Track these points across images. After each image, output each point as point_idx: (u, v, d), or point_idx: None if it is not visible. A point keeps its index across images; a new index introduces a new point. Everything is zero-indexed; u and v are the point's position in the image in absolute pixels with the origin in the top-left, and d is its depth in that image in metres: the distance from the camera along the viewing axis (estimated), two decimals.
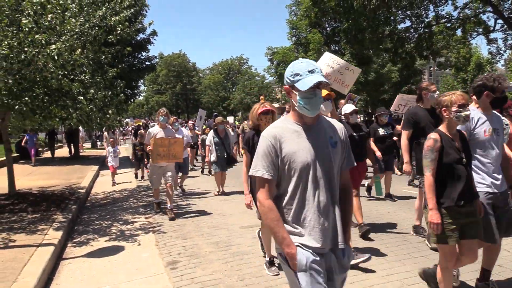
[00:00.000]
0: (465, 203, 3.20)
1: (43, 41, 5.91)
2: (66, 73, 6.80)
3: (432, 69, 52.25)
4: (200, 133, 14.05)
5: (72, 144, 19.40)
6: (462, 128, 3.47)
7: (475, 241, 3.30)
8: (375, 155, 7.56)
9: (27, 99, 6.46)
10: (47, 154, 20.16)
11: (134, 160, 12.41)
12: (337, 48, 29.34)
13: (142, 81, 23.90)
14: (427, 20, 18.74)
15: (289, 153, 2.22)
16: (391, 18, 18.55)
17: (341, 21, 21.07)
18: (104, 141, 13.79)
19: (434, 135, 3.31)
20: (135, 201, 9.10)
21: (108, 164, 11.93)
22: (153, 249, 5.53)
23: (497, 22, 17.30)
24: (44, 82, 6.61)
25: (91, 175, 12.68)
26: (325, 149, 2.26)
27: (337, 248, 2.27)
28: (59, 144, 26.01)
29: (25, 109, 6.53)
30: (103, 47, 8.46)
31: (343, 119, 5.80)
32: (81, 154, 20.22)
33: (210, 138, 9.52)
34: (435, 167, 3.26)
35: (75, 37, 6.92)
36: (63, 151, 21.92)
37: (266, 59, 31.39)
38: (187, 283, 4.28)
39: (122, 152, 13.99)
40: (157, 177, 7.65)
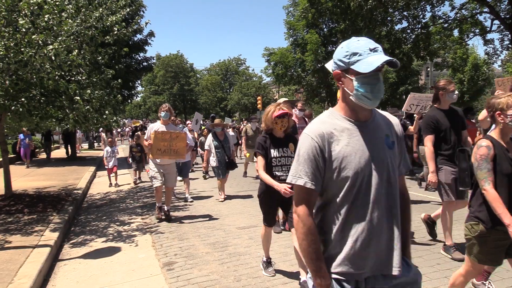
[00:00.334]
0: None
1: (40, 41, 5.90)
2: (62, 73, 6.79)
3: (429, 69, 52.37)
4: (196, 136, 13.89)
5: (69, 145, 19.37)
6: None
7: None
8: None
9: (23, 99, 6.45)
10: (44, 155, 20.11)
11: (131, 162, 11.93)
12: (334, 48, 29.39)
13: (139, 81, 23.89)
14: (424, 20, 18.79)
15: (339, 157, 1.80)
16: (388, 18, 18.60)
17: (338, 22, 21.11)
18: (101, 142, 13.63)
19: (485, 142, 2.92)
20: (132, 202, 9.09)
21: (105, 165, 11.55)
22: (150, 250, 5.52)
23: (493, 22, 17.37)
24: (40, 83, 6.60)
25: (88, 176, 12.65)
26: (381, 151, 1.85)
27: (390, 272, 1.83)
28: (56, 145, 25.97)
29: (21, 109, 6.51)
30: (100, 47, 8.45)
31: None
32: (78, 155, 20.19)
33: (209, 141, 8.83)
34: (493, 177, 2.85)
35: (72, 37, 6.91)
36: (60, 152, 21.87)
37: (263, 60, 31.34)
38: (184, 284, 4.27)
39: (119, 153, 13.94)
40: (158, 173, 6.88)
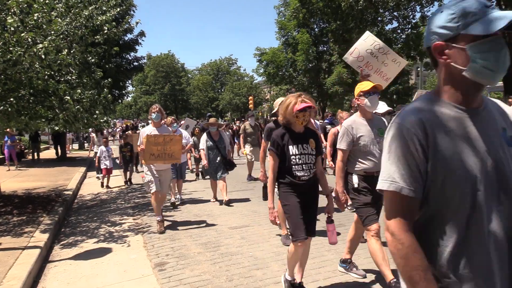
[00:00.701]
0: None
1: (29, 39, 5.84)
2: (52, 73, 6.72)
3: (419, 69, 52.76)
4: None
5: (59, 145, 19.21)
6: None
7: None
8: None
9: (12, 99, 6.37)
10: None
11: (122, 163, 11.58)
12: (325, 48, 29.51)
13: (130, 81, 23.78)
14: (414, 21, 18.93)
15: (446, 155, 1.34)
16: (379, 19, 18.71)
17: (329, 22, 21.17)
18: (91, 142, 13.42)
19: None
20: (123, 202, 9.03)
21: (100, 165, 11.23)
22: (141, 251, 5.49)
23: None
24: (29, 82, 6.53)
25: (78, 176, 12.55)
26: (499, 148, 1.39)
27: None
28: (46, 145, 25.72)
29: (10, 109, 6.44)
30: (90, 47, 8.38)
31: None
32: (68, 155, 20.03)
33: (203, 141, 8.41)
34: None
35: (61, 37, 6.85)
36: (49, 153, 21.67)
37: (255, 60, 31.39)
38: (175, 285, 4.25)
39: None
40: (155, 178, 6.40)
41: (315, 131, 4.04)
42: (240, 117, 38.39)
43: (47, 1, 6.55)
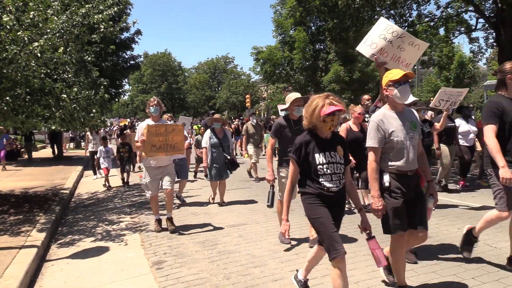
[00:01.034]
0: None
1: (25, 38, 5.81)
2: (48, 72, 6.69)
3: (415, 67, 52.91)
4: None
5: (55, 144, 19.14)
6: None
7: None
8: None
9: (8, 98, 6.34)
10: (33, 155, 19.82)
11: (119, 163, 11.28)
12: (322, 46, 29.52)
13: (126, 80, 23.71)
14: (410, 19, 18.94)
15: None
16: (375, 17, 18.69)
17: (326, 20, 21.16)
18: (86, 141, 13.33)
19: None
20: (120, 201, 9.02)
21: (100, 166, 11.08)
22: (139, 249, 5.48)
23: (478, 21, 17.55)
24: (26, 81, 6.50)
25: (75, 175, 12.52)
26: None
27: None
28: (42, 144, 25.64)
29: (6, 108, 6.41)
30: (86, 45, 8.35)
31: None
32: (64, 154, 19.97)
33: (206, 139, 7.93)
34: None
35: (57, 35, 6.82)
36: (46, 152, 21.60)
37: (251, 58, 31.34)
38: (173, 283, 4.25)
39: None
40: (153, 181, 6.16)
41: (342, 137, 3.71)
42: (237, 115, 38.36)
43: None
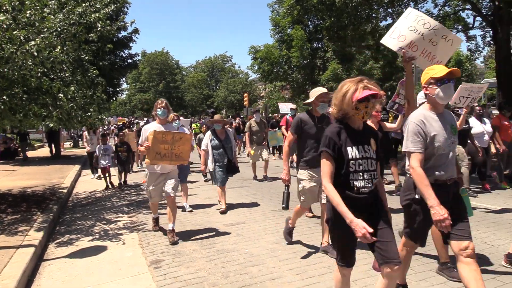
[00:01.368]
0: None
1: (21, 37, 5.79)
2: (45, 71, 6.68)
3: (413, 66, 52.99)
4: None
5: (53, 143, 19.10)
6: None
7: None
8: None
9: (5, 97, 6.32)
10: (27, 154, 19.76)
11: (117, 163, 10.89)
12: (319, 45, 29.53)
13: (124, 79, 23.66)
14: None
15: None
16: (373, 15, 18.70)
17: (324, 19, 21.15)
18: (84, 140, 13.18)
19: None
20: (118, 200, 9.00)
21: (95, 164, 10.83)
22: (137, 248, 5.48)
23: (476, 19, 17.59)
24: (23, 80, 6.48)
25: (73, 175, 12.49)
26: None
27: None
28: (40, 143, 25.59)
29: (3, 107, 6.39)
30: (83, 44, 8.33)
31: None
32: (62, 153, 19.93)
33: (206, 141, 7.48)
34: None
35: (54, 34, 6.80)
36: (44, 151, 21.56)
37: (249, 57, 31.24)
38: (171, 282, 4.25)
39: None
40: (156, 188, 5.82)
41: (374, 129, 3.19)
42: (235, 114, 38.32)
43: None
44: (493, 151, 9.37)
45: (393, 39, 4.06)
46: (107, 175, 10.68)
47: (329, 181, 2.75)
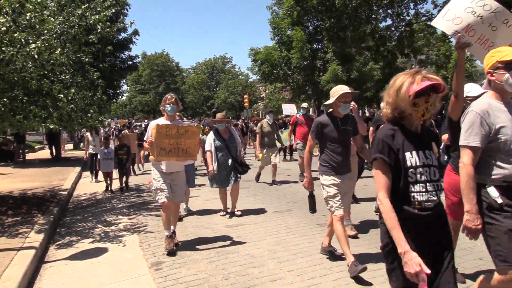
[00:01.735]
0: None
1: (22, 39, 5.80)
2: (45, 73, 6.68)
3: (413, 66, 53.05)
4: None
5: (53, 145, 19.11)
6: None
7: None
8: None
9: (5, 100, 6.33)
10: (28, 157, 19.76)
11: (117, 166, 10.43)
12: (319, 46, 29.56)
13: (124, 81, 23.69)
14: (407, 18, 18.98)
15: None
16: (373, 16, 18.73)
17: (323, 20, 21.20)
18: (85, 143, 12.90)
19: None
20: (118, 202, 9.01)
21: (97, 168, 10.42)
22: (137, 250, 5.48)
23: None
24: (23, 83, 6.49)
25: (73, 176, 12.49)
26: None
27: None
28: (40, 145, 25.61)
29: (3, 110, 6.40)
30: (83, 46, 8.33)
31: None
32: (62, 155, 19.94)
33: (209, 141, 7.02)
34: None
35: (54, 36, 6.81)
36: (44, 153, 21.57)
37: (249, 59, 31.27)
38: (172, 284, 4.25)
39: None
40: (164, 187, 5.26)
41: (434, 130, 2.80)
42: (235, 115, 38.35)
43: (39, 0, 6.51)
44: None
45: (447, 22, 3.54)
46: (108, 179, 10.40)
47: (386, 195, 2.26)
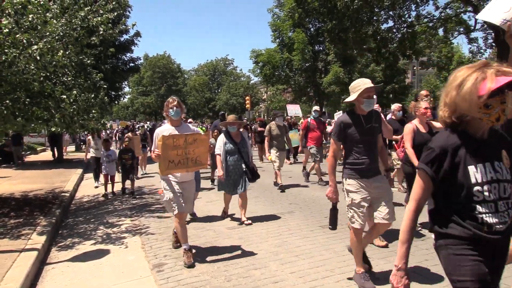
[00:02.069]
0: None
1: (24, 40, 5.82)
2: (48, 75, 6.70)
3: (415, 68, 52.97)
4: None
5: (55, 147, 19.14)
6: None
7: None
8: None
9: (8, 102, 6.35)
10: (30, 159, 19.80)
11: (120, 170, 10.00)
12: (321, 48, 29.60)
13: (126, 82, 23.76)
14: (409, 20, 18.99)
15: None
16: (374, 18, 18.74)
17: (325, 22, 21.23)
18: (87, 145, 12.42)
19: None
20: (120, 204, 9.01)
21: (103, 171, 9.97)
22: (139, 252, 5.48)
23: (477, 21, 17.62)
24: (25, 84, 6.51)
25: (75, 178, 12.51)
26: None
27: None
28: (42, 147, 25.64)
29: (6, 112, 6.41)
30: (85, 48, 8.36)
31: None
32: (64, 157, 19.97)
33: (220, 144, 6.61)
34: None
35: (56, 38, 6.83)
36: (46, 155, 21.61)
37: (251, 61, 31.37)
38: (174, 286, 4.24)
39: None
40: (177, 197, 4.87)
41: (504, 134, 2.11)
42: (238, 117, 38.34)
43: (41, 2, 6.53)
44: None
45: (493, 11, 3.20)
46: (109, 183, 9.99)
47: (414, 208, 2.02)
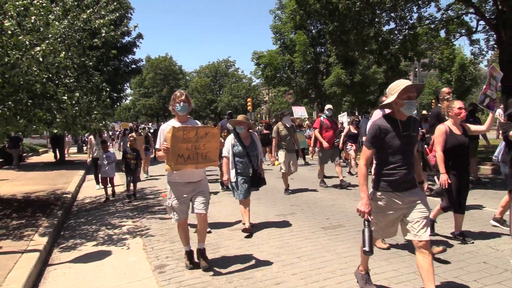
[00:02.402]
0: None
1: (27, 42, 5.84)
2: (50, 76, 6.72)
3: (416, 70, 52.93)
4: None
5: (57, 148, 19.17)
6: None
7: None
8: None
9: (10, 103, 6.37)
10: (32, 160, 19.84)
11: (124, 171, 9.68)
12: (322, 49, 29.61)
13: (128, 84, 23.81)
14: (411, 22, 18.96)
15: None
16: (376, 20, 18.72)
17: (326, 23, 21.22)
18: (88, 146, 12.16)
19: None
20: (122, 205, 9.02)
21: (101, 174, 9.79)
22: (141, 253, 5.48)
23: (479, 23, 17.57)
24: (28, 86, 6.53)
25: (77, 180, 12.53)
26: None
27: None
28: (44, 149, 25.70)
29: (8, 113, 6.43)
30: (88, 50, 8.37)
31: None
32: (66, 158, 20.00)
33: (228, 146, 6.20)
34: None
35: (59, 40, 6.85)
36: (48, 156, 21.65)
37: (253, 62, 31.41)
38: (175, 287, 4.24)
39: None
40: (181, 202, 4.59)
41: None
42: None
43: (44, 4, 6.55)
44: None
45: None
46: (109, 186, 9.78)
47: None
